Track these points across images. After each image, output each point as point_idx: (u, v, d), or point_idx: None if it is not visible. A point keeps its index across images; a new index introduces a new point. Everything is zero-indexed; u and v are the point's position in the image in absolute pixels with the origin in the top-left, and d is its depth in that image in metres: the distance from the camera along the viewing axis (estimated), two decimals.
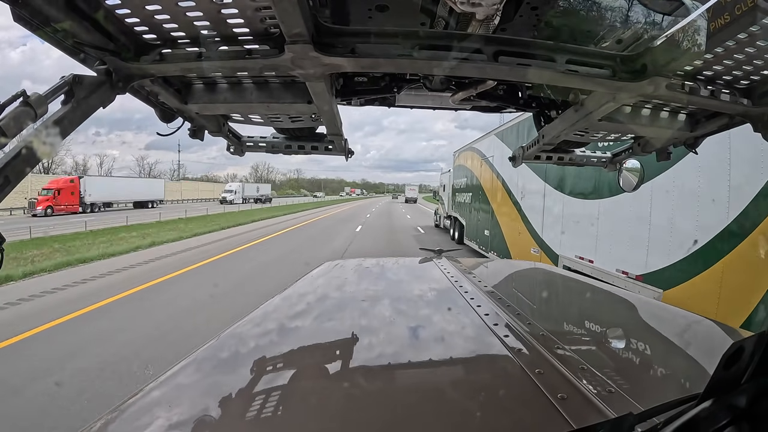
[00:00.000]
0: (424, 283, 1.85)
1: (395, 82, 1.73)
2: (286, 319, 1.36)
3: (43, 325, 5.79)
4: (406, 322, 1.33)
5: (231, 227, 21.07)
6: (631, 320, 1.52)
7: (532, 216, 8.30)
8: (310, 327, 1.31)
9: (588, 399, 0.76)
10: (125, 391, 0.90)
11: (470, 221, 13.73)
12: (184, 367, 0.99)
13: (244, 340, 1.18)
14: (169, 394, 0.89)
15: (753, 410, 0.53)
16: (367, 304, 1.52)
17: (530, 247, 8.11)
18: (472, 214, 13.33)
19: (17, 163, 0.95)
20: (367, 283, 1.88)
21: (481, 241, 12.11)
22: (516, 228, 9.11)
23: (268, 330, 1.26)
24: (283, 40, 1.06)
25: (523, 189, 8.79)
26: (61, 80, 1.06)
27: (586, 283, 2.02)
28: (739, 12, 0.96)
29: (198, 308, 6.80)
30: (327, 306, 1.54)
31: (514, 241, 9.27)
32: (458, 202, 15.80)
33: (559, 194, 7.10)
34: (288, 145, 2.19)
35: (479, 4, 1.08)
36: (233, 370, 1.00)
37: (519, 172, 8.67)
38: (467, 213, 14.17)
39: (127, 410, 0.82)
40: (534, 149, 2.22)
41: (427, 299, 1.63)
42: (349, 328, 1.28)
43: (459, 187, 15.68)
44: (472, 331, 1.19)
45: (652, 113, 1.76)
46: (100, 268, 9.98)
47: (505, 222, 9.95)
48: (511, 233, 9.52)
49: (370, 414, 0.81)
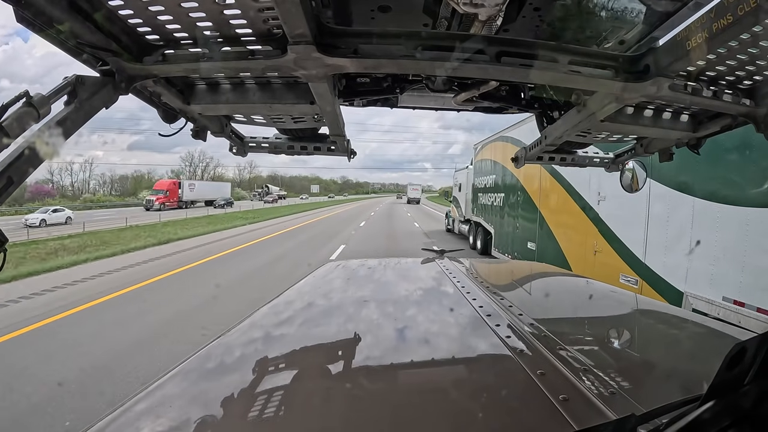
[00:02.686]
0: (426, 283, 1.85)
1: (398, 83, 1.73)
2: (289, 319, 1.36)
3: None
4: (408, 322, 1.33)
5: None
6: (633, 321, 1.51)
7: (620, 229, 5.69)
8: (312, 327, 1.31)
9: (590, 400, 0.76)
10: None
11: (502, 229, 10.90)
12: (185, 368, 0.99)
13: (246, 340, 1.18)
14: (171, 394, 0.90)
15: (756, 411, 0.52)
16: (369, 305, 1.52)
17: (617, 273, 5.53)
18: (506, 221, 10.53)
19: (20, 164, 0.95)
20: (369, 284, 1.88)
21: (522, 256, 9.23)
22: (587, 243, 6.46)
23: (270, 330, 1.27)
24: (285, 40, 1.06)
25: (601, 189, 6.14)
26: (64, 81, 1.06)
27: (589, 284, 2.01)
28: (741, 13, 0.96)
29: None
30: (329, 306, 1.54)
31: (586, 262, 6.48)
32: (482, 205, 12.79)
33: (682, 196, 4.53)
34: (290, 146, 2.19)
35: (482, 5, 1.08)
36: (236, 371, 1.00)
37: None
38: (496, 218, 11.30)
39: (128, 411, 0.82)
40: (537, 150, 2.22)
41: (429, 300, 1.63)
42: (351, 328, 1.28)
43: (483, 187, 12.66)
44: (474, 331, 1.19)
45: (654, 114, 1.76)
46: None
47: (566, 234, 7.29)
48: (578, 250, 6.79)
49: (373, 415, 0.81)
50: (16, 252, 12.78)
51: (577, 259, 6.80)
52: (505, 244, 10.58)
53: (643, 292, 4.94)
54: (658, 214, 4.91)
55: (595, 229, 6.22)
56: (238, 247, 14.89)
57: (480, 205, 13.08)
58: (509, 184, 10.27)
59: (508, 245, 10.35)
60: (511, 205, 10.11)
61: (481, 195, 13.02)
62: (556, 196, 7.66)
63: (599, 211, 6.20)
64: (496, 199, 11.31)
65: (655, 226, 4.94)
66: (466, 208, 15.37)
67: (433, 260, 2.19)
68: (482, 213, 12.77)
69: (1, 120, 0.90)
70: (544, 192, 8.22)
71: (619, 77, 1.27)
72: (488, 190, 12.14)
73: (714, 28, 1.03)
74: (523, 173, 9.23)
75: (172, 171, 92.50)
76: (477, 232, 13.44)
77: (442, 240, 16.42)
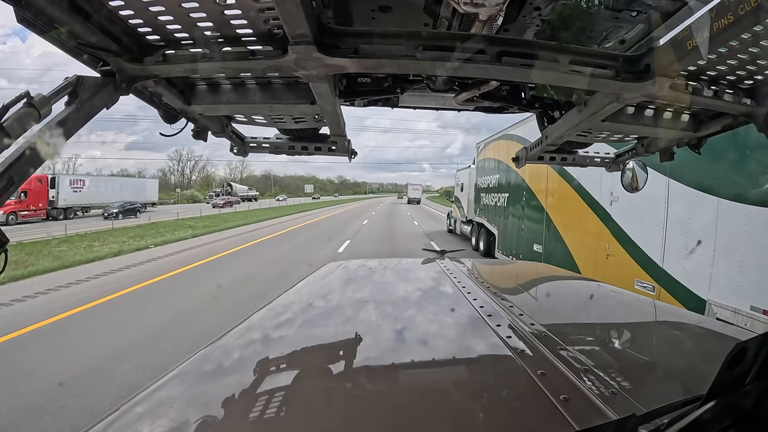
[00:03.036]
0: (426, 283, 1.85)
1: (398, 83, 1.73)
2: (289, 320, 1.36)
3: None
4: (409, 323, 1.33)
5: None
6: (634, 321, 1.51)
7: (635, 231, 5.29)
8: (312, 327, 1.31)
9: (591, 400, 0.76)
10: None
11: (506, 230, 10.42)
12: (185, 369, 0.99)
13: (246, 341, 1.18)
14: (171, 395, 0.90)
15: (757, 411, 0.52)
16: (370, 305, 1.52)
17: (632, 278, 5.18)
18: (510, 222, 10.10)
19: (21, 164, 0.95)
20: (369, 284, 1.88)
21: (528, 259, 8.65)
22: (598, 247, 6.04)
23: (270, 331, 1.27)
24: (286, 41, 1.06)
25: (613, 189, 5.77)
26: (64, 81, 1.06)
27: (589, 284, 2.01)
28: (742, 12, 0.96)
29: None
30: (330, 306, 1.54)
31: (597, 266, 6.09)
32: (485, 205, 12.31)
33: (704, 197, 4.18)
34: (291, 146, 2.19)
35: (482, 5, 1.08)
36: (237, 372, 1.00)
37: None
38: (500, 219, 10.83)
39: (128, 412, 0.82)
40: (537, 150, 2.22)
41: (429, 300, 1.63)
42: (351, 328, 1.28)
43: (487, 187, 12.20)
44: (474, 332, 1.19)
45: (655, 114, 1.76)
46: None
47: (575, 237, 6.88)
48: (589, 253, 6.36)
49: (375, 415, 0.81)
50: None
51: (588, 262, 6.37)
52: (509, 245, 10.10)
53: (661, 299, 4.54)
54: (678, 215, 4.52)
55: (608, 232, 5.80)
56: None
57: (483, 205, 12.55)
58: (514, 183, 9.80)
59: (512, 247, 9.88)
60: (516, 205, 9.58)
61: (484, 195, 12.47)
62: (564, 196, 7.16)
63: (612, 212, 5.80)
64: (500, 199, 10.80)
65: (675, 228, 4.56)
66: (468, 208, 14.81)
67: (434, 260, 2.19)
68: (485, 213, 12.27)
69: (2, 120, 0.90)
70: (552, 192, 7.72)
71: (619, 77, 1.27)
72: (492, 189, 11.64)
73: (715, 28, 1.03)
74: (528, 172, 8.82)
75: (160, 170, 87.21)
76: (480, 233, 12.84)
77: (443, 241, 15.37)
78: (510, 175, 10.17)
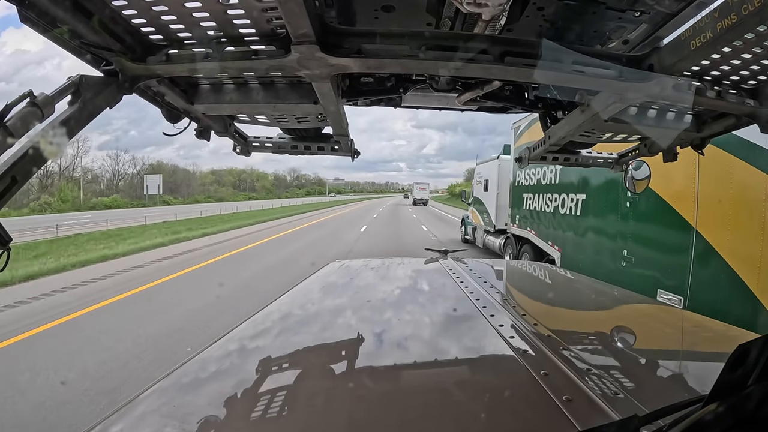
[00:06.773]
0: (429, 283, 1.85)
1: (401, 83, 1.73)
2: (292, 318, 1.37)
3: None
4: (411, 322, 1.33)
5: None
6: (636, 322, 1.51)
7: None
8: (315, 326, 1.31)
9: (593, 401, 0.76)
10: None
11: (580, 254, 6.01)
12: (186, 369, 0.99)
13: (249, 339, 1.18)
14: (173, 395, 0.90)
15: (759, 413, 0.52)
16: (373, 305, 1.52)
17: None
18: (590, 241, 5.73)
19: (24, 164, 0.96)
20: (372, 284, 1.88)
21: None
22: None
23: (274, 329, 1.27)
24: (289, 40, 1.06)
25: None
26: (68, 81, 1.07)
27: (592, 285, 2.01)
28: (746, 12, 0.96)
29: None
30: (332, 306, 1.54)
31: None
32: (534, 213, 7.94)
33: None
34: (294, 146, 2.19)
35: (485, 5, 1.07)
36: (239, 370, 1.00)
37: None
38: (567, 235, 6.50)
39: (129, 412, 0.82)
40: (540, 150, 2.22)
41: (432, 300, 1.63)
42: (353, 328, 1.28)
43: (537, 185, 7.82)
44: (477, 332, 1.19)
45: (658, 114, 1.75)
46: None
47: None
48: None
49: (376, 414, 0.81)
50: None
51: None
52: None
53: None
54: None
55: None
56: None
57: (529, 212, 8.16)
58: (606, 180, 5.36)
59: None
60: (608, 216, 5.28)
61: (531, 197, 8.09)
62: (746, 206, 3.44)
63: None
64: (569, 203, 6.50)
65: None
66: (498, 214, 10.46)
67: (437, 260, 2.19)
68: (533, 224, 7.94)
69: (6, 120, 0.90)
70: (711, 199, 3.69)
71: (623, 77, 1.26)
72: (549, 189, 7.24)
73: (718, 28, 1.03)
74: (657, 166, 4.29)
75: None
76: (521, 251, 8.58)
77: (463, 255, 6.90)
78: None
